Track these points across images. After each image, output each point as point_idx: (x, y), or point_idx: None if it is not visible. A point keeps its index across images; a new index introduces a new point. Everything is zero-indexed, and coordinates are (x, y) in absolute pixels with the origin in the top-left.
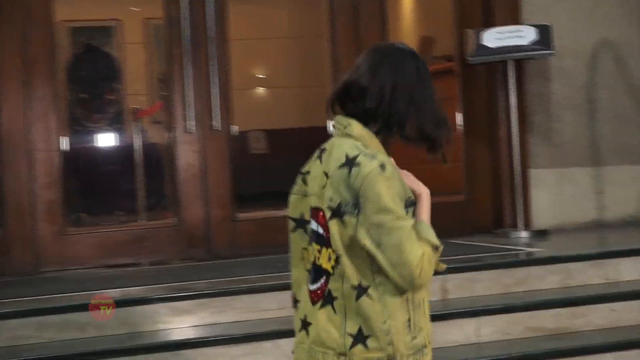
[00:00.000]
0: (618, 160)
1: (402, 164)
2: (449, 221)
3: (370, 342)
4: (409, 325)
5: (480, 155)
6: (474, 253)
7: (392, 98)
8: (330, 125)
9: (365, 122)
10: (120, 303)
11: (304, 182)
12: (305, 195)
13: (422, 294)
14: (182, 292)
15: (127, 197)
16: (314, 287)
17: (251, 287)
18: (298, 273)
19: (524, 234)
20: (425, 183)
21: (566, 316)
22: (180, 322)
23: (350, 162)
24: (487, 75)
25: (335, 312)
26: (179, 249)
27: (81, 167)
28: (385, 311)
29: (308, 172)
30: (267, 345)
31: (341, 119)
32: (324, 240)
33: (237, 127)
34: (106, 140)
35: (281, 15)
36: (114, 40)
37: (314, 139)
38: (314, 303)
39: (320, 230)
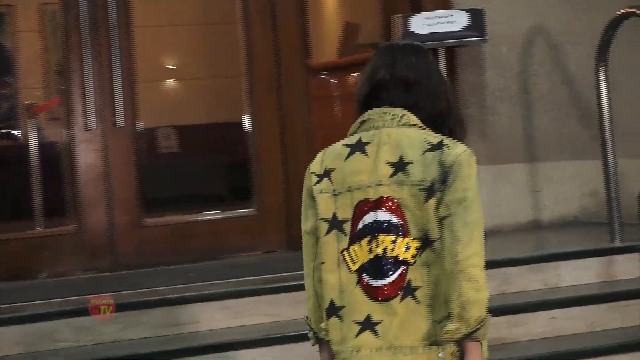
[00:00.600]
0: (557, 155)
1: None
2: None
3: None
4: None
5: None
6: None
7: (440, 96)
8: (246, 120)
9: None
10: (13, 320)
11: (330, 179)
12: (337, 193)
13: None
14: (83, 306)
15: (23, 201)
16: (382, 282)
17: (162, 300)
18: (338, 277)
19: None
20: None
21: (504, 325)
22: (80, 341)
23: (439, 146)
24: None
25: (418, 302)
26: (81, 259)
27: None
28: None
29: (328, 173)
30: None
31: (392, 109)
32: (397, 227)
33: (143, 123)
34: (6, 137)
35: (191, 0)
36: (5, 27)
37: (227, 136)
38: (385, 299)
39: (395, 220)
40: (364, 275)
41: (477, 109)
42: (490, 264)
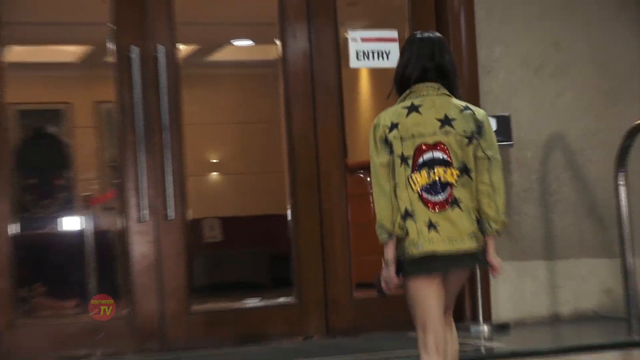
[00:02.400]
0: (577, 253)
1: None
2: (408, 315)
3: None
4: None
5: None
6: None
7: (456, 75)
8: (287, 213)
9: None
10: None
11: (397, 129)
12: (403, 139)
13: None
14: None
15: (79, 286)
16: (438, 198)
17: None
18: (407, 194)
19: (484, 328)
20: None
21: None
22: None
23: (466, 108)
24: None
25: (461, 210)
26: (133, 341)
27: (32, 255)
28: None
29: (397, 124)
30: None
31: (432, 84)
32: (446, 162)
33: (191, 215)
34: (56, 226)
35: (237, 101)
36: (63, 123)
37: (269, 227)
38: (440, 209)
39: (443, 156)
40: (423, 193)
41: None
42: (514, 354)
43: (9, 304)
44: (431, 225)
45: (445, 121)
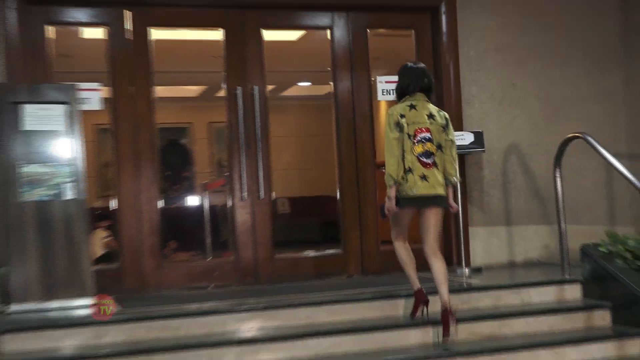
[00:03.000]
0: (526, 221)
1: None
2: (417, 261)
3: (451, 179)
4: None
5: None
6: (433, 283)
7: (434, 89)
8: (337, 194)
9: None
10: (198, 313)
11: (405, 118)
12: (407, 124)
13: None
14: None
15: (201, 242)
16: (428, 160)
17: (290, 303)
18: (411, 157)
19: (465, 270)
20: None
21: (497, 326)
22: (240, 327)
23: (440, 110)
24: None
25: (438, 169)
26: (237, 278)
27: (170, 221)
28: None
29: (404, 115)
30: (298, 343)
31: (421, 94)
32: (431, 140)
33: (274, 195)
34: (184, 203)
35: (301, 122)
36: (188, 136)
37: (324, 203)
38: (428, 168)
39: (429, 136)
40: (420, 157)
41: (478, 193)
42: (485, 288)
43: (158, 252)
44: (423, 177)
45: (430, 116)
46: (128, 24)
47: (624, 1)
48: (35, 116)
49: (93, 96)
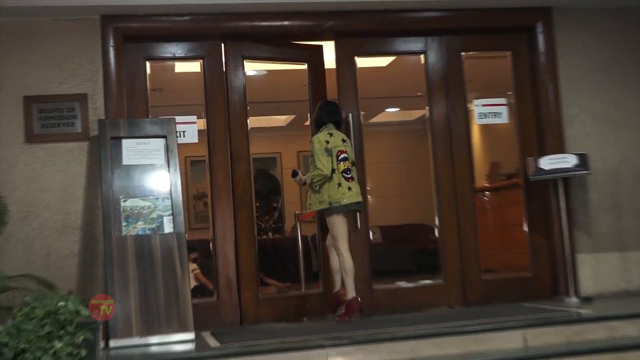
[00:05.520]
0: (637, 246)
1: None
2: (521, 291)
3: None
4: None
5: (540, 244)
6: (541, 313)
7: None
8: (435, 221)
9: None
10: (300, 348)
11: (329, 143)
12: (332, 147)
13: None
14: (343, 339)
15: (295, 273)
16: (348, 175)
17: (393, 336)
18: (338, 175)
19: (574, 299)
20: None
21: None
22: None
23: (347, 137)
24: (543, 188)
25: (356, 182)
26: (332, 309)
27: (263, 252)
28: None
29: (328, 141)
30: None
31: (332, 125)
32: (347, 159)
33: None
34: (277, 233)
35: (397, 146)
36: (276, 166)
37: (420, 231)
38: (350, 181)
39: (346, 156)
40: (344, 174)
41: (584, 217)
42: (600, 318)
43: (254, 284)
44: (350, 188)
45: (345, 141)
46: (223, 57)
47: None
48: (135, 150)
49: (189, 129)
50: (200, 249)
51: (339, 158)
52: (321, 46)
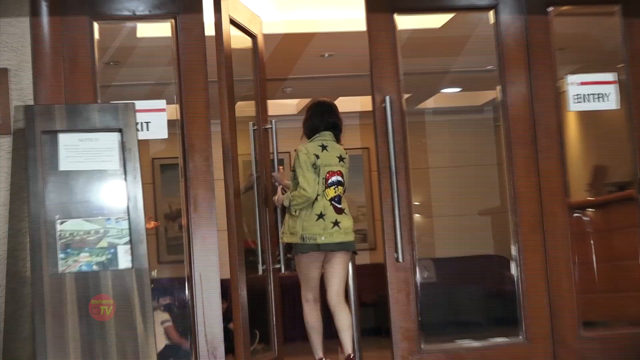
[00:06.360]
0: None
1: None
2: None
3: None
4: None
5: None
6: None
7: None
8: (511, 253)
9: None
10: None
11: (319, 159)
12: (322, 165)
13: None
14: None
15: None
16: (340, 206)
17: None
18: (323, 201)
19: None
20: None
21: None
22: None
23: (345, 153)
24: None
25: (347, 214)
26: None
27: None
28: None
29: (318, 156)
30: None
31: (330, 133)
32: (342, 184)
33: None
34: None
35: (455, 143)
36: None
37: (487, 266)
38: (339, 213)
39: (340, 179)
40: (333, 202)
41: None
42: None
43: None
44: (336, 224)
45: (341, 158)
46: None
47: None
48: (77, 150)
49: (155, 119)
50: (173, 291)
51: (329, 181)
52: None
